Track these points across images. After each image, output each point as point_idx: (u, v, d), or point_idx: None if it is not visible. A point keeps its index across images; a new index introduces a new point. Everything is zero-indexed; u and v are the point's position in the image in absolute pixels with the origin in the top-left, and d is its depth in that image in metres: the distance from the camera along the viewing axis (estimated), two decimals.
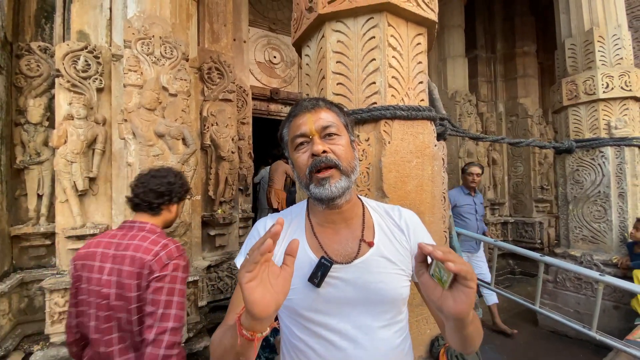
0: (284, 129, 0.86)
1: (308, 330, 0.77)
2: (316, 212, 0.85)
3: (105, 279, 1.24)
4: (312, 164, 0.76)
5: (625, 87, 3.03)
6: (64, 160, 2.66)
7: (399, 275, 0.80)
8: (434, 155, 1.45)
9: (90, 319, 1.25)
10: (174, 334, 1.19)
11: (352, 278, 0.76)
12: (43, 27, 2.95)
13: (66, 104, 2.73)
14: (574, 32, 3.38)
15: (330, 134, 0.78)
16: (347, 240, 0.81)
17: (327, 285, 0.76)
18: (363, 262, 0.78)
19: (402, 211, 0.89)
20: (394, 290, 0.78)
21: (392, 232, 0.84)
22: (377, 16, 1.32)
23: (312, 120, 0.78)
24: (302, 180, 0.80)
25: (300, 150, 0.79)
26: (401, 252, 0.82)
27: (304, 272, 0.77)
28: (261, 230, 0.86)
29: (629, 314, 2.79)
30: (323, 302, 0.76)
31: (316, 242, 0.81)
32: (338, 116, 0.82)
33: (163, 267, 1.23)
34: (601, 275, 1.94)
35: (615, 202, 3.06)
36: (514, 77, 6.55)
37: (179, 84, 2.81)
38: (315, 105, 0.81)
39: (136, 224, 1.36)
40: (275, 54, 5.00)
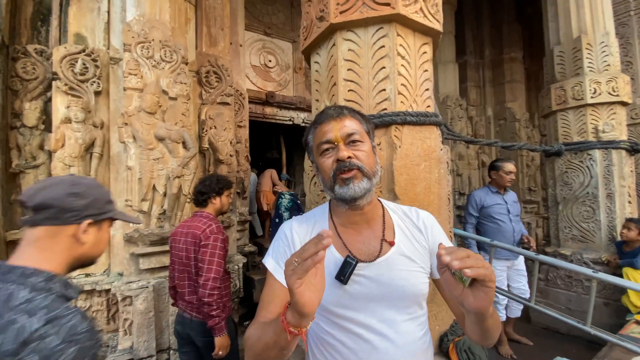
0: (309, 135, 0.91)
1: (337, 325, 0.81)
2: (339, 214, 0.89)
3: (180, 247, 2.00)
4: (336, 167, 0.81)
5: (612, 93, 3.17)
6: (61, 164, 2.63)
7: (419, 272, 0.84)
8: (440, 158, 1.50)
9: (175, 272, 2.06)
10: (214, 281, 1.85)
11: (375, 275, 0.81)
12: (39, 30, 2.91)
13: (64, 107, 2.70)
14: (563, 39, 3.52)
15: (354, 140, 0.83)
16: (369, 240, 0.86)
17: (352, 282, 0.80)
18: (385, 261, 0.82)
19: (419, 212, 0.94)
20: (414, 287, 0.83)
21: (411, 232, 0.89)
22: (387, 26, 1.37)
23: (337, 128, 0.82)
24: (326, 183, 0.85)
25: (325, 156, 0.84)
26: (420, 251, 0.86)
27: (330, 271, 0.81)
28: (288, 233, 0.89)
29: (619, 310, 2.91)
30: (350, 298, 0.80)
31: (340, 242, 0.85)
32: (361, 124, 0.86)
33: (206, 238, 1.91)
34: (594, 272, 2.03)
35: (604, 202, 3.20)
36: (501, 82, 6.75)
37: (178, 87, 2.81)
38: (340, 113, 0.85)
39: (197, 213, 2.10)
40: (271, 58, 5.03)
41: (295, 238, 0.88)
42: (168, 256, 2.64)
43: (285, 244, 0.88)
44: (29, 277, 0.72)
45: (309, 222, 0.92)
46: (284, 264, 0.61)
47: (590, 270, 2.12)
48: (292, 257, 0.60)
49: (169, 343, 2.56)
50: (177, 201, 2.69)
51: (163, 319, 2.57)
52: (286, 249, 0.88)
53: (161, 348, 2.52)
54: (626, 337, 1.95)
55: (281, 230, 0.92)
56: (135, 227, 2.53)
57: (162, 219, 2.63)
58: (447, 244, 0.92)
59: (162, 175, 2.61)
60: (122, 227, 2.63)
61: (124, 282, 2.51)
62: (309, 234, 0.89)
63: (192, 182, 2.78)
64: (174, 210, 2.68)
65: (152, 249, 2.55)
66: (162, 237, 2.56)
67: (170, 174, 2.63)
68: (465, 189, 5.77)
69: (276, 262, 0.87)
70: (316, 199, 1.56)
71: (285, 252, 0.87)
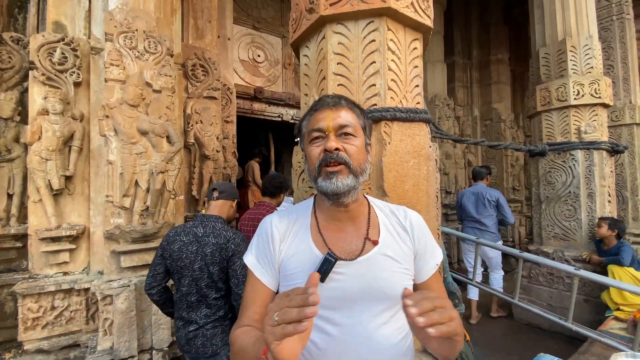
0: (304, 121, 0.87)
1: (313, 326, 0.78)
2: (323, 209, 0.86)
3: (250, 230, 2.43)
4: (322, 158, 0.78)
5: (595, 95, 3.25)
6: (38, 157, 2.52)
7: (402, 274, 0.81)
8: (429, 156, 1.49)
9: None
10: None
11: (355, 274, 0.78)
12: (16, 17, 2.78)
13: (41, 98, 2.59)
14: (548, 41, 3.58)
15: (347, 133, 0.79)
16: (351, 238, 0.83)
17: (330, 280, 0.77)
18: (367, 260, 0.79)
19: (407, 212, 0.91)
20: (396, 289, 0.78)
21: (397, 232, 0.86)
22: (378, 20, 1.35)
23: (331, 117, 0.79)
24: (311, 172, 0.81)
25: (314, 144, 0.81)
26: (405, 252, 0.84)
27: (309, 267, 0.78)
28: (268, 228, 0.86)
29: (598, 306, 3.00)
30: (326, 297, 0.77)
31: (321, 239, 0.82)
32: (358, 117, 0.83)
33: None
34: (576, 269, 2.07)
35: (585, 201, 3.28)
36: (488, 83, 6.86)
37: (163, 80, 2.73)
38: (338, 103, 0.82)
39: (263, 203, 2.56)
40: (260, 53, 4.96)
41: (275, 234, 0.85)
42: (151, 254, 2.57)
43: (265, 240, 0.85)
44: (218, 220, 1.74)
45: (291, 216, 0.89)
46: (268, 312, 0.56)
47: (572, 268, 2.17)
48: (273, 309, 0.55)
49: (152, 343, 2.49)
50: (161, 197, 2.61)
51: (145, 318, 2.50)
52: (265, 245, 0.85)
53: (143, 348, 2.45)
54: (606, 333, 2.01)
55: (262, 225, 0.89)
56: (116, 224, 2.45)
57: (145, 216, 2.55)
58: (434, 245, 0.90)
59: (145, 170, 2.53)
60: (103, 224, 2.54)
61: (104, 280, 2.43)
62: (290, 229, 0.86)
63: (176, 177, 2.71)
64: (158, 207, 2.61)
65: (134, 247, 2.47)
66: (144, 234, 2.49)
67: (153, 169, 2.55)
68: (451, 188, 5.83)
69: (256, 258, 0.85)
70: (304, 195, 1.53)
71: (265, 249, 0.84)
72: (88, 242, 2.73)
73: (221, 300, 1.68)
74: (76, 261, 2.71)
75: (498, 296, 3.02)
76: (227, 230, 1.68)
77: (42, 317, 2.49)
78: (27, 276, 2.55)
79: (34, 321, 2.45)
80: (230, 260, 1.63)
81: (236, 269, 1.61)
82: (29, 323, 2.43)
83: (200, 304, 1.66)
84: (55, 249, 2.57)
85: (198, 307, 1.66)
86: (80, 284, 2.56)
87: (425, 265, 0.87)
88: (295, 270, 0.81)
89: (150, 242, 2.55)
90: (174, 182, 2.67)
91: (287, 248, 0.84)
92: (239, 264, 1.61)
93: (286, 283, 0.82)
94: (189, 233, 1.68)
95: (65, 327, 2.56)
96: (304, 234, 0.84)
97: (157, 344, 2.50)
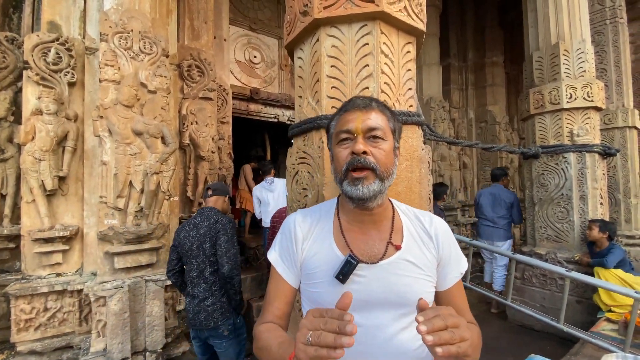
0: (332, 121, 0.86)
1: None
2: (346, 210, 0.86)
3: None
4: (349, 162, 0.77)
5: (587, 98, 3.29)
6: (31, 157, 2.51)
7: (424, 280, 0.80)
8: (421, 158, 1.50)
9: None
10: None
11: (376, 278, 0.78)
12: (11, 17, 2.77)
13: (34, 98, 2.58)
14: (541, 45, 3.62)
15: (376, 137, 0.78)
16: (374, 241, 0.82)
17: (351, 282, 0.77)
18: (388, 264, 0.79)
19: (432, 218, 0.89)
20: (417, 294, 0.77)
21: (421, 238, 0.85)
22: (371, 24, 1.35)
23: (360, 119, 0.78)
24: (337, 174, 0.81)
25: (342, 146, 0.80)
26: (428, 258, 0.82)
27: (330, 268, 0.79)
28: (291, 227, 0.88)
29: (590, 307, 3.02)
30: None
31: (343, 240, 0.82)
32: (388, 120, 0.81)
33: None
34: (568, 271, 2.10)
35: (577, 204, 3.31)
36: (483, 86, 6.91)
37: (158, 80, 2.72)
38: (368, 105, 0.80)
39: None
40: (256, 54, 4.96)
41: (298, 232, 0.86)
42: (145, 255, 2.56)
43: (288, 238, 0.86)
44: (212, 210, 2.13)
45: (314, 216, 0.89)
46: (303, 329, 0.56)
47: (564, 269, 2.19)
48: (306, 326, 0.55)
49: (145, 345, 2.48)
50: (155, 198, 2.61)
51: (139, 319, 2.49)
52: (288, 243, 0.86)
53: (136, 350, 2.44)
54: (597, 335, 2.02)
55: (285, 223, 0.90)
56: (110, 225, 2.44)
57: (139, 217, 2.54)
58: (459, 254, 0.88)
59: (140, 171, 2.52)
60: (97, 225, 2.53)
61: (98, 282, 2.42)
62: (312, 229, 0.86)
63: (171, 178, 2.71)
64: (152, 208, 2.60)
65: (128, 248, 2.47)
66: (138, 235, 2.48)
67: (148, 170, 2.54)
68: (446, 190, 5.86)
69: (279, 255, 0.86)
70: (298, 197, 1.54)
71: (288, 247, 0.86)
72: (81, 243, 2.72)
73: (215, 275, 2.03)
74: (69, 262, 2.69)
75: (493, 297, 3.04)
76: (217, 215, 2.11)
77: (35, 318, 2.47)
78: (20, 277, 2.53)
79: (26, 322, 2.43)
80: (216, 236, 2.02)
81: (221, 243, 2.01)
82: (21, 324, 2.41)
83: (199, 279, 2.02)
84: (49, 250, 2.55)
85: (198, 282, 2.02)
86: (73, 285, 2.54)
87: (448, 273, 0.86)
88: (316, 270, 0.81)
89: (144, 244, 2.55)
90: (169, 183, 2.67)
91: (310, 247, 0.84)
92: (223, 239, 2.01)
93: (307, 281, 0.83)
94: (190, 223, 2.09)
95: (58, 329, 2.54)
96: (326, 234, 0.85)
97: (151, 346, 2.49)
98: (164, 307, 2.62)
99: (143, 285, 2.52)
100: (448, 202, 5.83)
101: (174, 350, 2.65)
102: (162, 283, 2.59)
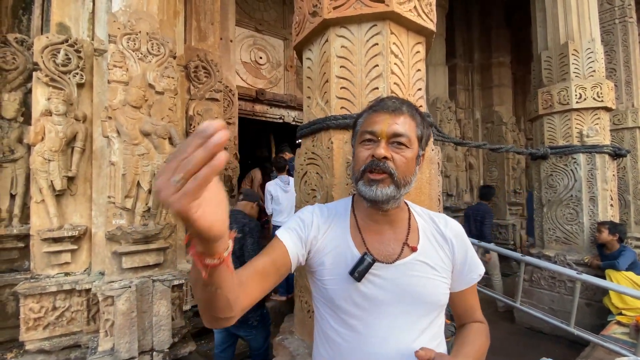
0: (360, 118, 0.86)
1: (343, 322, 0.79)
2: (361, 210, 0.86)
3: None
4: (368, 164, 0.76)
5: (597, 98, 3.25)
6: (41, 158, 2.53)
7: (439, 281, 0.81)
8: (431, 159, 1.50)
9: None
10: None
11: (392, 278, 0.78)
12: (20, 19, 2.80)
13: (44, 99, 2.60)
14: (550, 44, 3.58)
15: (400, 143, 0.76)
16: (389, 242, 0.82)
17: (366, 281, 0.77)
18: (404, 265, 0.79)
19: (448, 220, 0.89)
20: (432, 296, 0.79)
21: (437, 240, 0.85)
22: (381, 24, 1.35)
23: (387, 123, 0.77)
24: (355, 173, 0.81)
25: (365, 146, 0.79)
26: (444, 260, 0.83)
27: (345, 264, 0.78)
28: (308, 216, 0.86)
29: (600, 310, 2.98)
30: (361, 297, 0.77)
31: (360, 238, 0.82)
32: (417, 127, 0.80)
33: None
34: (579, 274, 2.07)
35: (587, 205, 3.27)
36: (490, 86, 6.86)
37: (166, 81, 2.74)
38: (398, 108, 0.79)
39: None
40: (262, 55, 4.97)
41: (314, 220, 0.85)
42: (152, 255, 2.57)
43: (300, 225, 0.84)
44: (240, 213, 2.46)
45: (330, 211, 0.89)
46: (159, 185, 0.40)
47: (575, 272, 2.16)
48: (167, 172, 0.39)
49: (152, 344, 2.49)
50: None
51: (146, 319, 2.50)
52: (298, 229, 0.84)
53: (144, 350, 2.45)
54: (608, 338, 1.99)
55: (301, 212, 0.90)
56: (118, 225, 2.45)
57: (147, 217, 2.55)
58: (474, 257, 0.88)
59: (147, 171, 2.54)
60: (105, 225, 2.54)
61: (106, 281, 2.43)
62: (329, 223, 0.86)
63: None
64: (159, 208, 2.61)
65: (136, 248, 2.48)
66: (145, 235, 2.49)
67: (155, 171, 2.55)
68: (452, 191, 5.83)
69: (285, 230, 0.84)
70: (306, 198, 1.53)
71: (297, 231, 0.83)
72: (90, 243, 2.74)
73: None
74: (78, 262, 2.71)
75: (501, 300, 3.01)
76: (245, 218, 2.38)
77: (43, 317, 2.49)
78: (29, 276, 2.55)
79: (35, 321, 2.45)
80: (244, 238, 2.25)
81: (247, 244, 2.24)
82: (30, 323, 2.43)
83: None
84: (57, 250, 2.57)
85: None
86: (81, 284, 2.56)
87: (464, 276, 0.86)
88: (332, 267, 0.81)
89: (152, 244, 2.56)
90: None
91: (325, 242, 0.84)
92: (250, 241, 2.25)
93: (320, 277, 0.83)
94: None
95: (66, 328, 2.56)
96: (343, 230, 0.85)
97: (158, 346, 2.50)
98: (170, 307, 2.63)
99: (150, 285, 2.53)
100: (454, 203, 5.79)
101: (181, 350, 2.66)
102: (169, 283, 2.60)
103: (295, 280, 1.65)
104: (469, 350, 0.79)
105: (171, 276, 2.60)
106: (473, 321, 0.89)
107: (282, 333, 1.68)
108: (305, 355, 1.42)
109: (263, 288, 0.75)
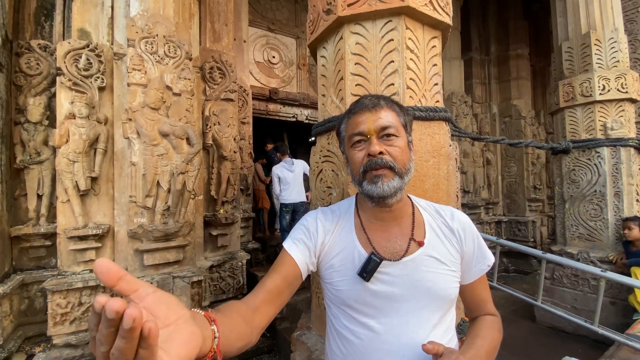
0: (342, 124, 0.86)
1: (356, 321, 0.80)
2: (365, 209, 0.86)
3: None
4: (367, 163, 0.77)
5: (621, 89, 3.12)
6: (66, 159, 2.62)
7: (449, 275, 0.80)
8: (449, 155, 1.48)
9: None
10: None
11: (400, 275, 0.78)
12: (43, 25, 2.90)
13: (67, 103, 2.69)
14: (571, 35, 3.46)
15: (389, 134, 0.78)
16: (395, 238, 0.82)
17: (375, 280, 0.77)
18: (412, 260, 0.79)
19: (454, 212, 0.89)
20: (442, 290, 0.79)
21: (444, 233, 0.84)
22: (396, 19, 1.34)
23: (371, 120, 0.78)
24: (355, 176, 0.81)
25: (357, 148, 0.80)
26: (452, 253, 0.82)
27: (354, 265, 0.79)
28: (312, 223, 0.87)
29: (625, 309, 2.88)
30: (371, 295, 0.78)
31: (365, 237, 0.83)
32: (398, 116, 0.81)
33: None
34: (603, 271, 2.00)
35: (611, 200, 3.15)
36: (507, 79, 6.68)
37: (182, 83, 2.79)
38: (376, 104, 0.80)
39: None
40: (274, 54, 5.00)
41: (319, 226, 0.86)
42: (172, 252, 2.64)
43: (305, 233, 0.85)
44: None
45: (334, 214, 0.90)
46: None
47: (599, 270, 2.09)
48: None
49: None
50: (182, 197, 2.68)
51: None
52: (306, 232, 0.85)
53: None
54: (633, 337, 1.93)
55: (306, 217, 0.90)
56: (139, 223, 2.53)
57: (166, 215, 2.62)
58: (482, 247, 0.87)
59: (166, 171, 2.60)
60: (127, 223, 2.62)
61: None
62: (334, 227, 0.87)
63: (196, 178, 2.77)
64: (178, 207, 2.67)
65: (156, 245, 2.55)
66: (166, 233, 2.56)
67: (174, 170, 2.62)
68: (469, 187, 5.72)
69: (292, 240, 0.85)
70: (322, 196, 1.54)
71: (304, 241, 0.84)
72: (112, 241, 2.83)
73: None
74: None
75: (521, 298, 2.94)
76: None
77: (70, 312, 2.59)
78: (56, 273, 2.66)
79: (62, 316, 2.55)
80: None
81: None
82: (57, 318, 2.53)
83: None
84: (82, 247, 2.67)
85: None
86: None
87: (473, 267, 0.85)
88: (340, 268, 0.82)
89: (172, 241, 2.62)
90: (194, 182, 2.74)
91: (331, 244, 0.85)
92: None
93: (330, 279, 0.83)
94: None
95: None
96: (348, 232, 0.85)
97: None
98: (190, 303, 2.69)
99: (171, 281, 2.60)
100: (471, 200, 5.69)
101: None
102: (188, 279, 2.66)
103: (312, 277, 1.67)
104: (480, 344, 0.77)
105: (190, 272, 2.66)
106: (485, 314, 0.88)
107: (300, 329, 1.70)
108: (323, 350, 1.44)
109: (278, 306, 0.78)
